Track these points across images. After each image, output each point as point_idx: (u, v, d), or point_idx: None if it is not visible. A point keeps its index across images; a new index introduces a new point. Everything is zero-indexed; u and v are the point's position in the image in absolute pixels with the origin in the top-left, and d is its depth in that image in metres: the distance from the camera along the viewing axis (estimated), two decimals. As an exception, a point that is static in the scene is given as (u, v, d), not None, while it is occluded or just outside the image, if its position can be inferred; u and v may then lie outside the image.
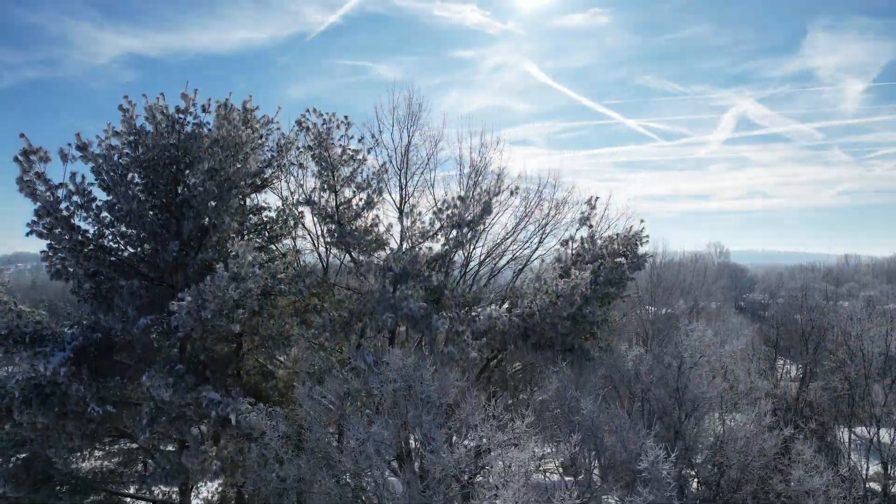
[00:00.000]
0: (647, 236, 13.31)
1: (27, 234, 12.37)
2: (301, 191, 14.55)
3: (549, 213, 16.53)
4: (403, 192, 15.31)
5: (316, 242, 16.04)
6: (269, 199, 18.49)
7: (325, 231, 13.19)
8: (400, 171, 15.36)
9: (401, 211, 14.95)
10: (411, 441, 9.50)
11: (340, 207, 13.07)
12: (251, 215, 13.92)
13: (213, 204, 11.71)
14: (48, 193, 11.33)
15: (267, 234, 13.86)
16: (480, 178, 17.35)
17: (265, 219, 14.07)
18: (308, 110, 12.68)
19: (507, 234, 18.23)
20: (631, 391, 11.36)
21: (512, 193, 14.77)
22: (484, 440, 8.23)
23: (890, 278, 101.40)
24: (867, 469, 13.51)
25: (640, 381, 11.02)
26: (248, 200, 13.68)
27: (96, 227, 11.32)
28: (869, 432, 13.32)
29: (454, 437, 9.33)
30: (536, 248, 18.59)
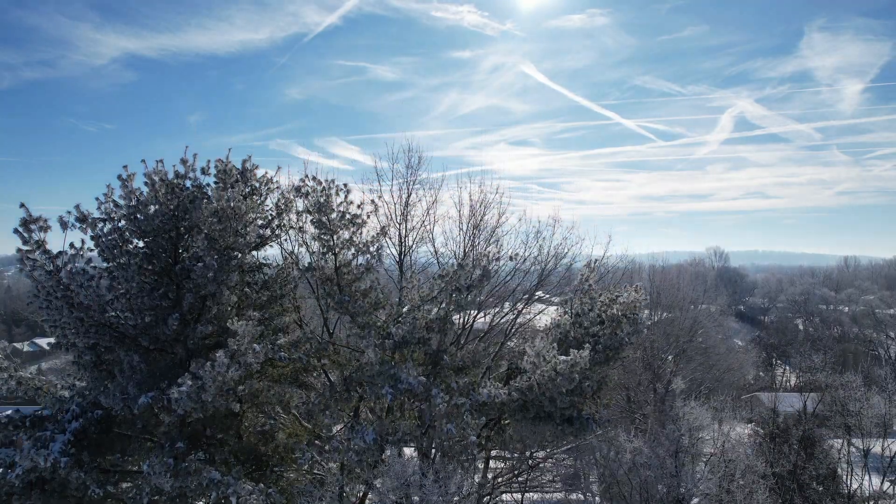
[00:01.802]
0: (646, 298, 13.40)
1: (28, 304, 12.48)
2: (301, 246, 14.51)
3: (547, 265, 16.57)
4: (403, 245, 15.31)
5: (317, 294, 16.03)
6: (269, 253, 18.49)
7: (324, 292, 13.13)
8: (399, 224, 15.35)
9: (400, 266, 14.93)
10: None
11: (340, 269, 13.05)
12: (250, 273, 13.87)
13: (213, 274, 11.67)
14: (48, 262, 11.33)
15: (267, 292, 13.83)
16: (481, 221, 17.42)
17: (265, 276, 14.03)
18: (307, 176, 12.64)
19: (508, 275, 18.34)
20: (630, 482, 11.45)
21: (511, 258, 14.78)
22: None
23: (889, 283, 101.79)
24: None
25: (637, 475, 11.10)
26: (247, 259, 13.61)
27: (97, 305, 11.27)
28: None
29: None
30: (536, 287, 18.71)
